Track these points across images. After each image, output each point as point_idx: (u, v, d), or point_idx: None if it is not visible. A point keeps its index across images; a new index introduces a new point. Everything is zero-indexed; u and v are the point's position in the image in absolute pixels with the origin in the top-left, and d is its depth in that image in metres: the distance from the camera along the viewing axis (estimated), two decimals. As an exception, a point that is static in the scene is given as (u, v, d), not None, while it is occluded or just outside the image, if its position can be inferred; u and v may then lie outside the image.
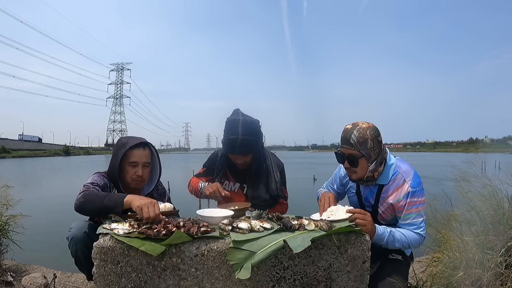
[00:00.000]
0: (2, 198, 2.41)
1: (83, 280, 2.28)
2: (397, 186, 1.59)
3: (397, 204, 1.58)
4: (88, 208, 1.51)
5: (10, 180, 2.64)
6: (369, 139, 1.55)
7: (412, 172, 1.61)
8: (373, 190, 1.67)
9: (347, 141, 1.57)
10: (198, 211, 1.52)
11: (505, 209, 1.68)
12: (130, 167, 1.73)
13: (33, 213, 2.82)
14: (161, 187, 1.96)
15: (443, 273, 1.63)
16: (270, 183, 1.90)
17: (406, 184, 1.57)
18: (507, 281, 1.45)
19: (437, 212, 1.93)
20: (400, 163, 1.65)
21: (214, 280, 1.28)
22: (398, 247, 1.53)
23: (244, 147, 1.77)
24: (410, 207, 1.55)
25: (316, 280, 1.33)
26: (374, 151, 1.57)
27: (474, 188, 1.87)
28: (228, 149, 1.82)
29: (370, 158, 1.57)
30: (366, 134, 1.55)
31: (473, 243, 1.58)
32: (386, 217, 1.66)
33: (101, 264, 1.29)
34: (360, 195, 1.76)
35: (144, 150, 1.75)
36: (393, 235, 1.51)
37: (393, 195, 1.60)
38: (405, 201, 1.55)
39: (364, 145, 1.55)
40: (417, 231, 1.55)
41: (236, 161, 1.86)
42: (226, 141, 1.80)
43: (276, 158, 2.02)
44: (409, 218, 1.55)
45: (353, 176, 1.63)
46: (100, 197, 1.50)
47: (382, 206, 1.65)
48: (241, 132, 1.76)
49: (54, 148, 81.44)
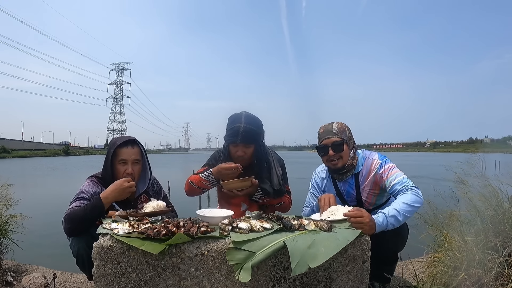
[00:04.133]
0: (2, 198, 2.41)
1: (83, 280, 2.28)
2: (369, 167, 1.79)
3: (376, 178, 1.76)
4: (79, 229, 1.55)
5: (10, 180, 2.64)
6: (346, 129, 1.81)
7: (375, 153, 1.84)
8: (351, 182, 1.82)
9: (329, 132, 1.79)
10: (198, 211, 1.52)
11: (505, 209, 1.68)
12: (120, 165, 1.76)
13: (33, 213, 2.83)
14: (156, 185, 1.97)
15: (444, 273, 1.63)
16: (272, 177, 1.91)
17: (375, 160, 1.79)
18: (508, 281, 1.45)
19: (437, 212, 1.93)
20: (364, 151, 1.87)
21: (214, 280, 1.28)
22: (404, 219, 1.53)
23: (246, 135, 1.78)
24: (388, 171, 1.71)
25: (316, 280, 1.33)
26: (351, 140, 1.82)
27: (474, 188, 1.87)
28: (231, 138, 1.82)
29: (350, 145, 1.80)
30: (343, 125, 1.82)
31: (473, 243, 1.58)
32: (371, 201, 1.79)
33: (101, 264, 1.29)
34: (340, 194, 1.86)
35: (133, 148, 1.78)
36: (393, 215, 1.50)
37: (370, 176, 1.77)
38: (382, 169, 1.73)
39: (344, 133, 1.79)
40: (409, 187, 1.61)
41: (237, 153, 1.84)
42: (229, 131, 1.82)
43: (276, 155, 2.04)
44: (394, 179, 1.67)
45: (339, 164, 1.77)
46: (82, 213, 1.54)
47: (364, 192, 1.80)
48: (244, 121, 1.80)
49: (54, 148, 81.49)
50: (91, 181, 1.75)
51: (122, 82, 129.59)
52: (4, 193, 2.44)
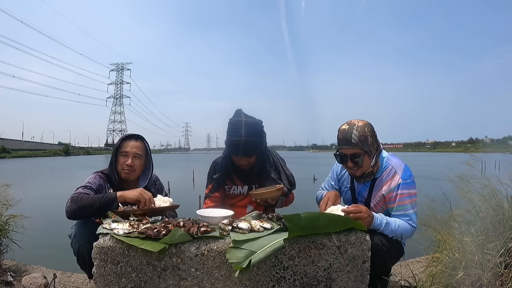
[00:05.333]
0: (2, 198, 2.41)
1: (83, 280, 2.28)
2: (388, 178, 1.64)
3: (388, 195, 1.63)
4: (82, 214, 1.55)
5: (10, 179, 2.64)
6: (368, 136, 1.60)
7: (402, 165, 1.66)
8: (367, 184, 1.72)
9: (348, 142, 1.60)
10: (198, 211, 1.52)
11: (504, 210, 1.68)
12: (121, 157, 1.78)
13: (33, 213, 2.83)
14: (158, 183, 1.99)
15: (443, 274, 1.63)
16: (282, 178, 1.91)
17: (397, 175, 1.62)
18: (507, 281, 1.46)
19: (436, 212, 1.93)
20: (391, 157, 1.71)
21: (214, 280, 1.28)
22: (390, 235, 1.54)
23: (247, 148, 1.77)
24: (402, 198, 1.59)
25: (316, 280, 1.33)
26: (374, 147, 1.63)
27: (473, 188, 1.87)
28: (232, 151, 1.81)
29: (371, 154, 1.63)
30: (365, 131, 1.60)
31: (472, 244, 1.58)
32: (377, 211, 1.69)
33: (101, 264, 1.29)
34: (354, 190, 1.80)
35: (136, 141, 1.80)
36: (388, 224, 1.53)
37: (384, 187, 1.64)
38: (396, 192, 1.60)
39: (366, 142, 1.60)
40: (410, 222, 1.58)
41: (240, 162, 1.85)
42: (229, 142, 1.80)
43: (278, 155, 2.05)
44: (401, 210, 1.58)
45: (357, 173, 1.67)
46: (94, 200, 1.54)
47: (374, 199, 1.70)
48: (244, 134, 1.74)
49: (54, 148, 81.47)
50: (97, 175, 1.79)
51: (122, 82, 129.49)
52: (4, 193, 2.44)
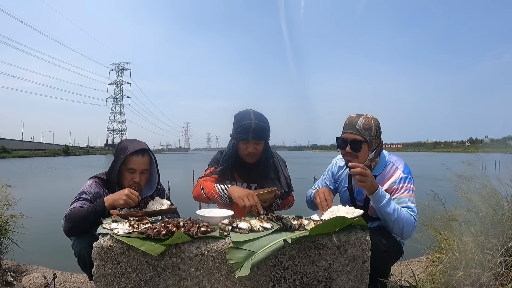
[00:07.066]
0: (2, 198, 2.41)
1: (83, 280, 2.29)
2: (390, 174, 1.66)
3: (390, 189, 1.63)
4: (79, 229, 1.55)
5: (10, 179, 2.64)
6: (373, 127, 1.64)
7: (402, 161, 1.70)
8: None
9: (353, 127, 1.64)
10: (198, 211, 1.52)
11: (504, 210, 1.68)
12: (128, 172, 1.74)
13: (33, 213, 2.83)
14: (159, 186, 1.96)
15: (443, 273, 1.63)
16: (280, 179, 1.91)
17: (398, 170, 1.65)
18: (507, 281, 1.46)
19: (436, 212, 1.93)
20: (391, 156, 1.74)
21: (214, 280, 1.28)
22: (392, 217, 1.50)
23: (258, 131, 1.77)
24: (404, 191, 1.60)
25: (316, 280, 1.33)
26: (376, 140, 1.65)
27: (473, 188, 1.87)
28: (241, 135, 1.79)
29: (371, 146, 1.65)
30: (371, 122, 1.64)
31: (472, 243, 1.58)
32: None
33: (101, 264, 1.29)
34: (351, 190, 1.79)
35: (143, 157, 1.76)
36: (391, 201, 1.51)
37: (386, 183, 1.65)
38: (398, 185, 1.62)
39: (369, 131, 1.63)
40: (412, 213, 1.56)
41: (248, 150, 1.82)
42: (238, 127, 1.79)
43: (279, 156, 2.04)
44: (403, 202, 1.58)
45: (353, 162, 1.65)
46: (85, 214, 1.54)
47: None
48: (254, 118, 1.78)
49: (54, 148, 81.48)
50: (93, 182, 1.75)
51: (122, 82, 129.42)
52: (4, 193, 2.44)
